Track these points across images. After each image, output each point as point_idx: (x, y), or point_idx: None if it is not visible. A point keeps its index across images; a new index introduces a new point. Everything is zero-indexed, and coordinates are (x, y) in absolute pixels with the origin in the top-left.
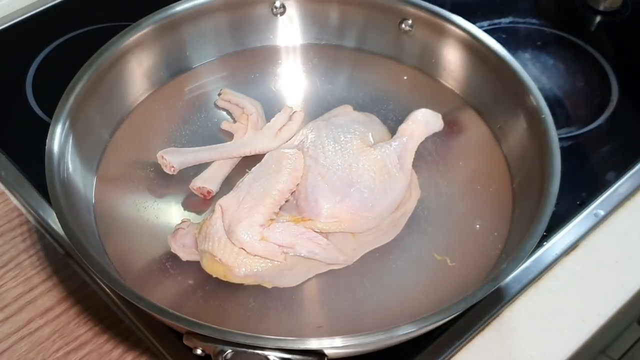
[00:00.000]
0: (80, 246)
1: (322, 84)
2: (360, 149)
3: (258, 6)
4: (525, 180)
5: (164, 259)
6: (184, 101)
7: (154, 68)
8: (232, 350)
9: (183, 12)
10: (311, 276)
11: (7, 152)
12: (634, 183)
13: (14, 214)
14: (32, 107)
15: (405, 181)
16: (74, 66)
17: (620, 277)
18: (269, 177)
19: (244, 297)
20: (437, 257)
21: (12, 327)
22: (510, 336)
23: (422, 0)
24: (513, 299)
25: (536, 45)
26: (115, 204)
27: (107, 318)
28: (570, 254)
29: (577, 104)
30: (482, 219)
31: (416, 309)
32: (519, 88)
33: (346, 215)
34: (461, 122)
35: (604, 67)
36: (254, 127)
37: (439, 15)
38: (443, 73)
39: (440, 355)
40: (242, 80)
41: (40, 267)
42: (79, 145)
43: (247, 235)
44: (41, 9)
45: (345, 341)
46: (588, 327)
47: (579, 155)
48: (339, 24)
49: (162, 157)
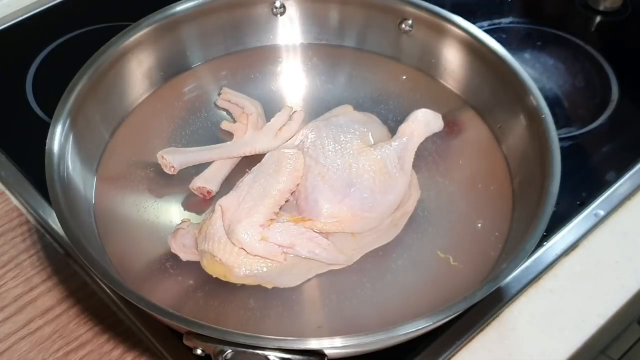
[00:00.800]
0: (80, 246)
1: (322, 84)
2: (360, 149)
3: (258, 6)
4: (525, 180)
5: (164, 259)
6: (184, 101)
7: (154, 68)
8: (232, 350)
9: (183, 12)
10: (311, 276)
11: (7, 152)
12: (634, 183)
13: (14, 214)
14: (32, 107)
15: (405, 181)
16: (74, 66)
17: (620, 277)
18: (269, 177)
19: (244, 297)
20: (440, 254)
21: (12, 327)
22: (510, 336)
23: (422, 0)
24: (513, 299)
25: (536, 45)
26: (115, 204)
27: (107, 318)
28: (570, 254)
29: (577, 104)
30: (483, 218)
31: (416, 309)
32: (519, 88)
33: (346, 215)
34: (461, 122)
35: (604, 67)
36: (254, 127)
37: (439, 15)
38: (443, 73)
39: (440, 355)
40: (242, 80)
41: (40, 267)
42: (79, 145)
43: (247, 235)
44: (41, 9)
45: (345, 341)
46: (588, 327)
47: (579, 155)
48: (339, 24)
49: (162, 157)
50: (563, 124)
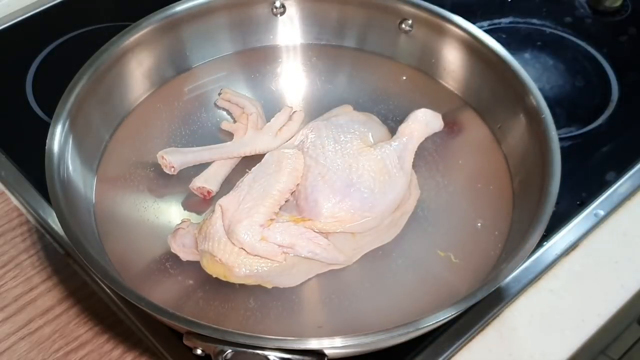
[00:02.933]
0: (80, 246)
1: (322, 84)
2: (360, 149)
3: (258, 6)
4: (525, 180)
5: (164, 259)
6: (184, 101)
7: (154, 68)
8: (232, 350)
9: (183, 12)
10: (311, 276)
11: (7, 152)
12: (634, 183)
13: (14, 214)
14: (32, 107)
15: (405, 181)
16: (74, 66)
17: (620, 277)
18: (269, 177)
19: (244, 297)
20: (441, 253)
21: (12, 327)
22: (510, 336)
23: (422, 0)
24: (513, 299)
25: (536, 45)
26: (115, 204)
27: (107, 318)
28: (570, 254)
29: (577, 104)
30: (483, 218)
31: (416, 308)
32: (519, 88)
33: (346, 215)
34: (461, 122)
35: (604, 67)
36: (254, 127)
37: (439, 15)
38: (443, 73)
39: (440, 355)
40: (242, 80)
41: (40, 267)
42: (79, 145)
43: (247, 235)
44: (41, 9)
45: (345, 341)
46: (588, 327)
47: (579, 155)
48: (339, 24)
49: (162, 157)
50: (563, 124)
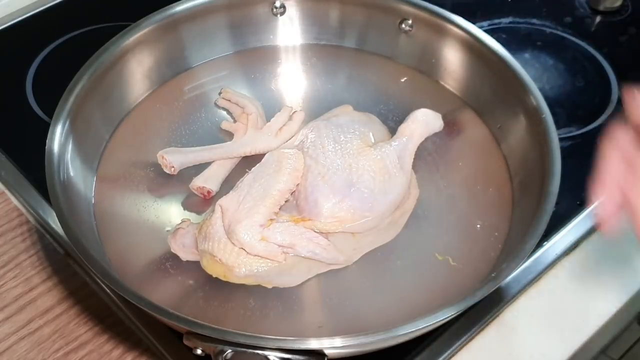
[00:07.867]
0: (80, 246)
1: (322, 84)
2: (360, 149)
3: (258, 6)
4: (525, 180)
5: (164, 259)
6: (184, 101)
7: (153, 68)
8: (232, 350)
9: (183, 12)
10: (311, 276)
11: (7, 152)
12: None
13: (14, 214)
14: (32, 107)
15: (405, 181)
16: (74, 66)
17: (620, 277)
18: (269, 177)
19: (244, 297)
20: (439, 257)
21: (12, 327)
22: (510, 336)
23: (422, 0)
24: (513, 299)
25: (536, 45)
26: (115, 204)
27: (107, 318)
28: (570, 254)
29: (577, 104)
30: (483, 219)
31: (416, 308)
32: (519, 88)
33: (346, 215)
34: (461, 123)
35: (604, 67)
36: (254, 126)
37: (439, 15)
38: (443, 73)
39: (440, 355)
40: (242, 80)
41: (40, 267)
42: (79, 145)
43: (247, 235)
44: (41, 9)
45: (345, 341)
46: (588, 327)
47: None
48: (339, 24)
49: (162, 157)
50: (563, 124)
